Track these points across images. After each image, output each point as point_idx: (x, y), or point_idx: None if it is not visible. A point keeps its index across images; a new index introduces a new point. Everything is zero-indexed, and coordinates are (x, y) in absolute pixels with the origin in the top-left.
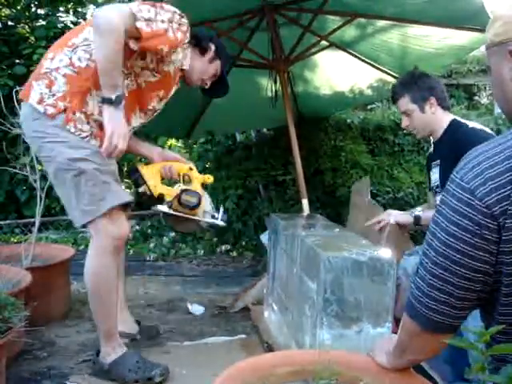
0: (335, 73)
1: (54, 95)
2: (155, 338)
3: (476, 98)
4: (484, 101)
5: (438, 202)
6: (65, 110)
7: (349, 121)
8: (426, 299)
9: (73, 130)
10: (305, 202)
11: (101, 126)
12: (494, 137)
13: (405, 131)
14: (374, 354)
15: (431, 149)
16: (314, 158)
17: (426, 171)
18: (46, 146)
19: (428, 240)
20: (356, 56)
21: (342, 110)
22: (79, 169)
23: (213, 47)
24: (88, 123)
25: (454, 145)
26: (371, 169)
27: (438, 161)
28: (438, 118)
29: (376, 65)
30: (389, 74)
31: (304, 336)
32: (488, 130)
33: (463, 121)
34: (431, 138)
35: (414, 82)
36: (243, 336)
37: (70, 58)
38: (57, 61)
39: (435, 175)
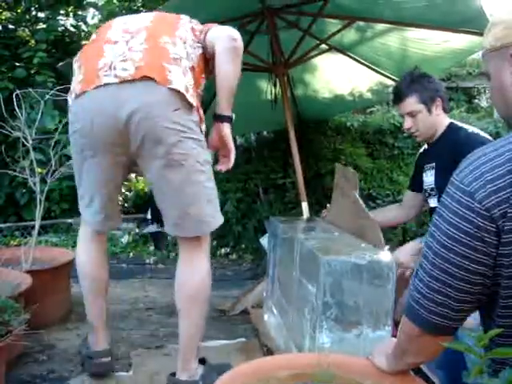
0: (335, 76)
1: (191, 86)
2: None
3: (475, 101)
4: (483, 104)
5: (430, 205)
6: (197, 106)
7: (348, 124)
8: (424, 301)
9: (203, 128)
10: (304, 205)
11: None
12: (491, 141)
13: (405, 134)
14: (374, 358)
15: (421, 149)
16: (313, 161)
17: (414, 172)
18: (187, 142)
19: (428, 242)
20: (355, 59)
21: (342, 113)
22: (210, 173)
23: None
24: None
25: (453, 148)
26: (371, 172)
27: (434, 164)
28: (440, 121)
29: (375, 68)
30: (388, 77)
31: (304, 339)
32: (484, 133)
33: (461, 124)
34: (429, 140)
35: (421, 81)
36: (243, 339)
37: (186, 50)
38: (179, 49)
39: (429, 178)
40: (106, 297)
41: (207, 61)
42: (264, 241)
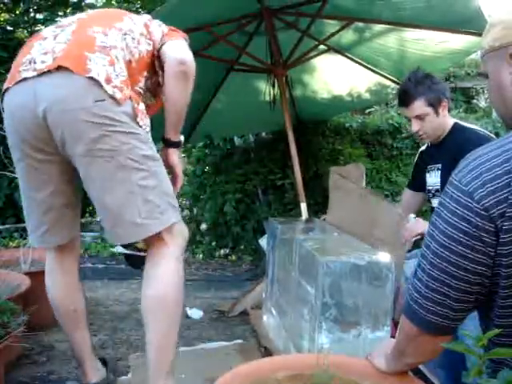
0: (333, 77)
1: (117, 76)
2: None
3: (474, 101)
4: (482, 104)
5: (433, 205)
6: (130, 98)
7: (347, 125)
8: (423, 301)
9: (141, 122)
10: (303, 206)
11: None
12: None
13: (403, 135)
14: (373, 358)
15: (422, 148)
16: (312, 162)
17: (415, 171)
18: (113, 136)
19: (426, 242)
20: (354, 60)
21: (341, 114)
22: (150, 170)
23: None
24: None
25: (462, 148)
26: (370, 172)
27: (439, 165)
28: (446, 121)
29: (374, 69)
30: (387, 77)
31: (303, 340)
32: (488, 133)
33: (466, 124)
34: (433, 141)
35: (426, 83)
36: (242, 340)
37: (125, 41)
38: (112, 39)
39: (433, 179)
40: (87, 325)
41: (158, 60)
42: (263, 242)
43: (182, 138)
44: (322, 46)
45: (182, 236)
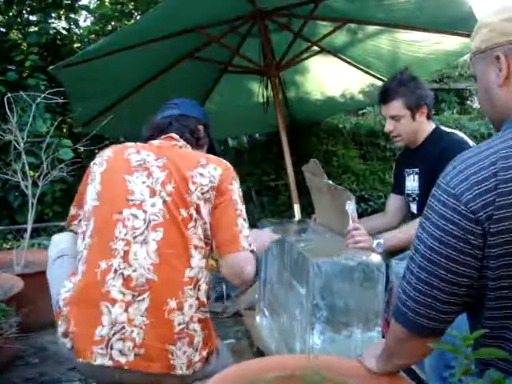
0: (327, 78)
1: (197, 349)
2: None
3: (468, 102)
4: (476, 105)
5: (412, 210)
6: (210, 351)
7: (341, 126)
8: (412, 303)
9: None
10: (296, 208)
11: None
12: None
13: None
14: (364, 359)
15: (401, 151)
16: (306, 163)
17: (396, 175)
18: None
19: (414, 244)
20: (347, 61)
21: (334, 115)
22: None
23: (202, 130)
24: None
25: (438, 153)
26: (363, 173)
27: (417, 169)
28: (423, 127)
29: (367, 70)
30: (380, 78)
31: (295, 341)
32: (468, 138)
33: (447, 129)
34: (410, 145)
35: (409, 85)
36: (235, 341)
37: (198, 299)
38: (187, 308)
39: (412, 183)
40: None
41: None
42: None
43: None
44: (315, 48)
45: None
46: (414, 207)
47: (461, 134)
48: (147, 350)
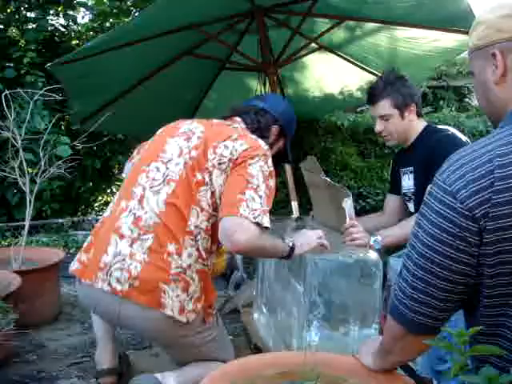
0: (325, 75)
1: (191, 298)
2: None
3: (466, 99)
4: (474, 103)
5: (411, 209)
6: (203, 309)
7: (339, 123)
8: (408, 301)
9: (208, 325)
10: (294, 205)
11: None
12: (466, 142)
13: None
14: (361, 356)
15: (395, 153)
16: (305, 160)
17: (392, 174)
18: (194, 341)
19: (411, 242)
20: (345, 58)
21: (332, 112)
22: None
23: (275, 130)
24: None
25: (431, 152)
26: (361, 171)
27: (411, 168)
28: (413, 126)
29: (365, 67)
30: (378, 76)
31: (292, 338)
32: (461, 135)
33: (439, 126)
34: (403, 144)
35: (396, 85)
36: (232, 338)
37: (198, 250)
38: (186, 256)
39: (408, 182)
40: None
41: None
42: None
43: (285, 253)
44: (313, 45)
45: None
46: (411, 206)
47: (452, 130)
48: (141, 283)
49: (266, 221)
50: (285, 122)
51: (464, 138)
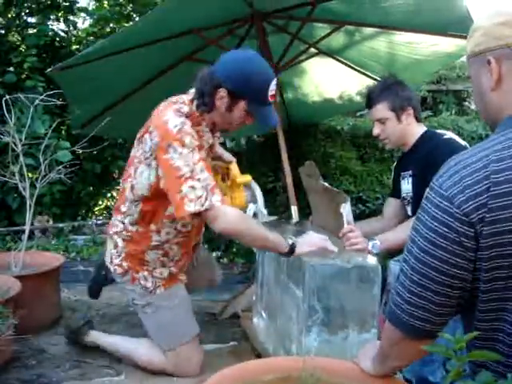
0: (324, 80)
1: (119, 255)
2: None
3: (465, 103)
4: (473, 106)
5: (409, 213)
6: (129, 269)
7: (338, 127)
8: (406, 305)
9: (138, 289)
10: (294, 209)
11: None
12: (464, 147)
13: None
14: (359, 361)
15: (397, 156)
16: (303, 165)
17: (393, 178)
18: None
19: (408, 247)
20: (345, 63)
21: (332, 117)
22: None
23: (223, 93)
24: (153, 278)
25: (428, 156)
26: (361, 175)
27: (410, 171)
28: (411, 129)
29: (365, 71)
30: (377, 80)
31: (291, 343)
32: (459, 139)
33: (438, 131)
34: (403, 148)
35: (393, 89)
36: (232, 343)
37: (124, 223)
38: (115, 225)
39: (406, 185)
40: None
41: None
42: None
43: (286, 249)
44: (312, 50)
45: None
46: (409, 210)
47: (451, 134)
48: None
49: (216, 198)
50: (236, 83)
51: (463, 143)
